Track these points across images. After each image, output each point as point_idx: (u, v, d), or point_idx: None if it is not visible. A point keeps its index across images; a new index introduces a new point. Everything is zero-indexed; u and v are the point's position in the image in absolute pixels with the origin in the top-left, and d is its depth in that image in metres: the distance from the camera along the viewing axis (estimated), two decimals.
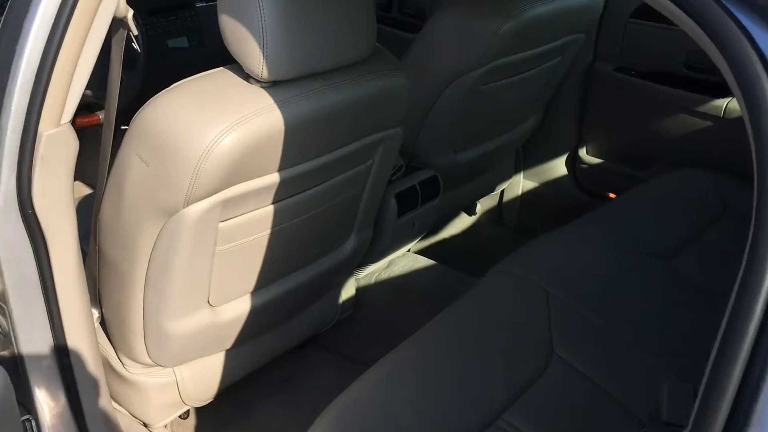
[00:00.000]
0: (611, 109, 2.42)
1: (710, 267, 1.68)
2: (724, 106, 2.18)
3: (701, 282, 1.65)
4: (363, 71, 1.34)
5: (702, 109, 2.22)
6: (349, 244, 1.66)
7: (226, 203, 1.22)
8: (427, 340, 1.37)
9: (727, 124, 2.19)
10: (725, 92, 2.19)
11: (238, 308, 1.45)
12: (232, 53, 1.19)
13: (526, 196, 2.66)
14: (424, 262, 2.22)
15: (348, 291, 1.94)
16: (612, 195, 2.52)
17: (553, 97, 2.41)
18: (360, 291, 2.05)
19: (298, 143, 1.25)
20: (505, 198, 2.69)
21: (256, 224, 1.32)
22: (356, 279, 2.05)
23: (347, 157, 1.42)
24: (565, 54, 2.19)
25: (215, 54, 1.59)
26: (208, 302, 1.37)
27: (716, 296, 1.33)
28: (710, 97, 2.20)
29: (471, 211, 2.66)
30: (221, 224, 1.25)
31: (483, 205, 2.69)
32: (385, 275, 2.15)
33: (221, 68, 1.25)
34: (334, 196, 1.45)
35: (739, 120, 2.14)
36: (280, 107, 1.19)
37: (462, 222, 2.63)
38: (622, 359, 1.39)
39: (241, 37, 1.15)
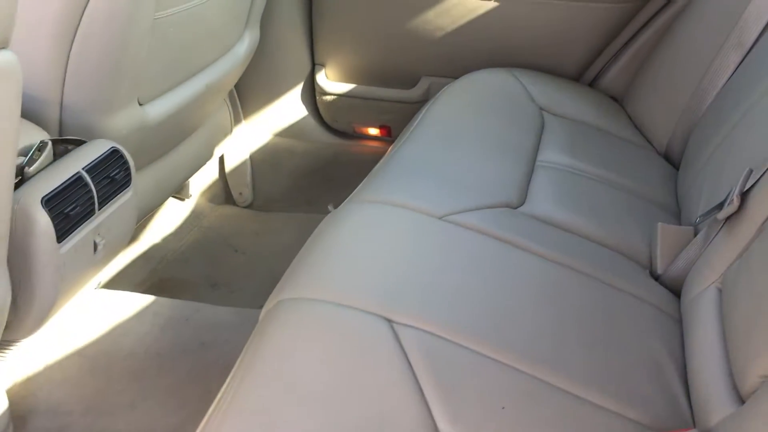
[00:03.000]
0: (349, 8, 1.69)
1: None
2: None
3: None
4: None
5: None
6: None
7: None
8: None
9: (513, 2, 1.59)
10: None
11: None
12: None
13: (258, 156, 1.85)
14: (130, 299, 1.29)
15: None
16: (367, 130, 1.82)
17: (268, 4, 1.61)
18: (26, 390, 1.09)
19: None
20: (229, 165, 1.85)
21: None
22: (8, 373, 1.09)
23: None
24: None
25: None
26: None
27: None
28: None
29: (184, 195, 1.78)
30: None
31: (199, 184, 1.82)
32: (63, 347, 1.19)
33: None
34: None
35: None
36: None
37: (173, 214, 1.73)
38: None
39: None
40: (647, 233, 1.14)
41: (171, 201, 1.75)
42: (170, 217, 1.72)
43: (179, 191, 1.77)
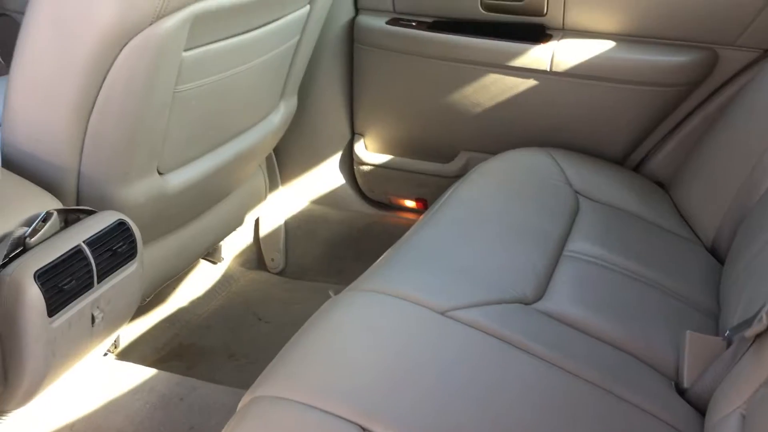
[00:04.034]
0: (391, 81, 1.68)
1: None
2: (551, 55, 1.53)
3: None
4: None
5: (518, 62, 1.55)
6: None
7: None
8: None
9: (556, 80, 1.54)
10: (548, 35, 1.55)
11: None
12: None
13: (292, 222, 1.84)
14: (132, 372, 1.27)
15: None
16: (403, 202, 1.78)
17: (309, 71, 1.61)
18: None
19: None
20: (263, 230, 1.84)
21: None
22: None
23: None
24: (314, 4, 1.41)
25: None
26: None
27: None
28: (530, 44, 1.53)
29: (216, 258, 1.78)
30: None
31: (232, 247, 1.82)
32: (54, 419, 1.18)
33: None
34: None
35: (575, 72, 1.50)
36: None
37: (203, 277, 1.73)
38: None
39: None
40: (677, 339, 1.04)
41: (203, 263, 1.75)
42: (200, 280, 1.72)
43: (212, 254, 1.76)
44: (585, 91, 1.54)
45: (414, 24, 1.62)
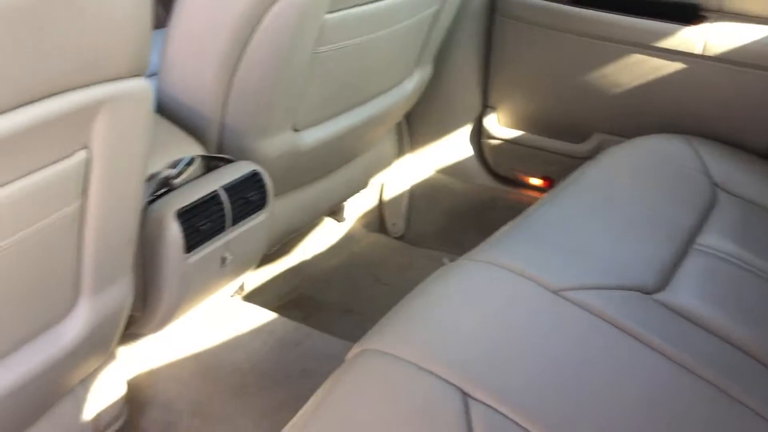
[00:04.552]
0: (530, 55, 1.65)
1: None
2: (704, 38, 1.45)
3: None
4: None
5: (666, 43, 1.48)
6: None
7: None
8: None
9: (707, 64, 1.46)
10: (701, 15, 1.47)
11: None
12: None
13: (417, 189, 1.87)
14: (254, 313, 1.36)
15: (107, 391, 1.07)
16: (529, 179, 1.76)
17: (446, 41, 1.62)
18: (140, 382, 1.18)
19: None
20: (387, 195, 1.88)
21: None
22: (130, 363, 1.19)
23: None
24: None
25: None
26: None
27: None
28: (680, 24, 1.46)
29: (339, 217, 1.84)
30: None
31: (356, 208, 1.87)
32: (183, 347, 1.28)
33: None
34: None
35: (729, 57, 1.42)
36: None
37: (326, 234, 1.80)
38: None
39: None
40: None
41: (327, 221, 1.82)
42: (323, 236, 1.78)
43: (336, 213, 1.83)
44: (737, 78, 1.45)
45: None
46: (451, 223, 1.83)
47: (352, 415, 0.76)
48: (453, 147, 1.81)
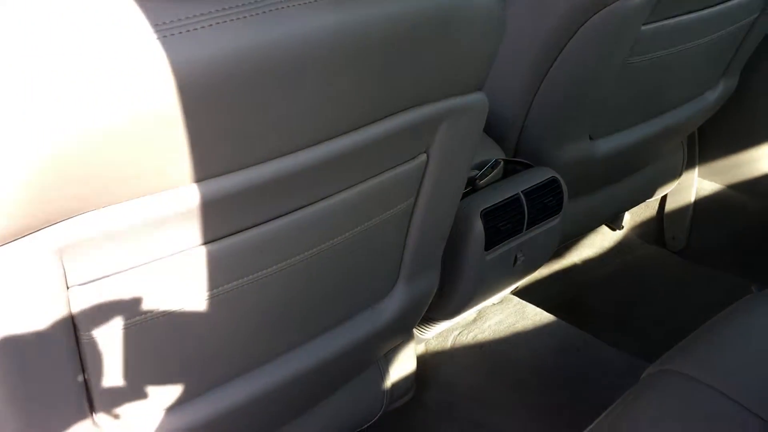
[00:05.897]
0: None
1: None
2: None
3: None
4: None
5: None
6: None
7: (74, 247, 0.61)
8: None
9: None
10: None
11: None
12: None
13: (703, 204, 1.77)
14: (535, 314, 1.41)
15: (402, 366, 1.19)
16: None
17: (756, 54, 1.51)
18: (426, 362, 1.29)
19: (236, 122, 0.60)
20: (669, 207, 1.81)
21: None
22: (420, 343, 1.30)
23: (364, 151, 0.73)
24: None
25: None
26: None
27: None
28: None
29: (616, 225, 1.81)
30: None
31: (634, 217, 1.83)
32: (468, 336, 1.36)
33: None
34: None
35: None
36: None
37: (600, 241, 1.78)
38: None
39: None
40: None
41: (603, 228, 1.80)
42: (598, 243, 1.78)
43: (613, 221, 1.80)
44: None
45: None
46: (740, 243, 1.72)
47: None
48: (748, 163, 1.70)
